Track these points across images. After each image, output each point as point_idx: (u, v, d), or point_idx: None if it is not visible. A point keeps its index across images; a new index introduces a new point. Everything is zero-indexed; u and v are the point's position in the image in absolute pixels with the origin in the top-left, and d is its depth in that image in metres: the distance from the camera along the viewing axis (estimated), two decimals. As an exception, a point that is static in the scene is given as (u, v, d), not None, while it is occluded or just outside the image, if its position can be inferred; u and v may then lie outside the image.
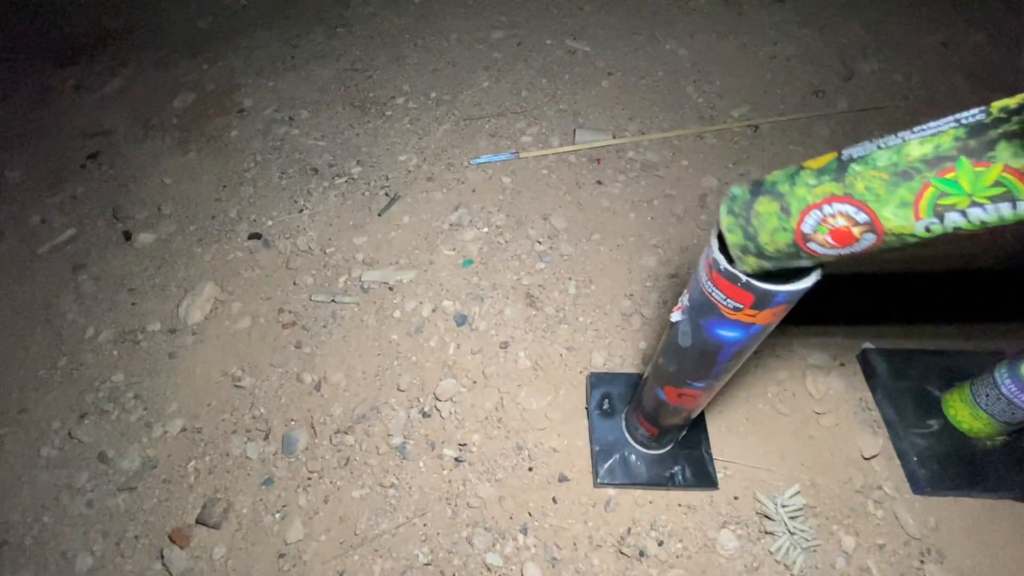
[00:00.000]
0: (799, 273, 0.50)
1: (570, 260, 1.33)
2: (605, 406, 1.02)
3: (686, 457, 0.96)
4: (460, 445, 1.05)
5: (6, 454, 1.13)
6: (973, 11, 1.94)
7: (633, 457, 0.96)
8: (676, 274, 1.28)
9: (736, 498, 0.97)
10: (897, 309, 1.20)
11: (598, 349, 1.16)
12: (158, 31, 2.11)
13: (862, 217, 0.41)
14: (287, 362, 1.20)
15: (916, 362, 1.09)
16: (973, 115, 0.36)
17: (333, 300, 1.28)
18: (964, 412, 0.98)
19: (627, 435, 0.98)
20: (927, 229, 0.38)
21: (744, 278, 0.48)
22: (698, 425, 0.99)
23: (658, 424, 0.86)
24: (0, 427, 1.16)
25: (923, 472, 0.96)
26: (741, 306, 0.51)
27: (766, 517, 0.94)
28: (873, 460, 0.99)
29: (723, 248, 0.52)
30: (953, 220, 0.37)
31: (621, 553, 0.93)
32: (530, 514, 0.97)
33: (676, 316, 0.62)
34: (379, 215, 1.44)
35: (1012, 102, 0.35)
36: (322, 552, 0.96)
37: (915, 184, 0.37)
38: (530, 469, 1.01)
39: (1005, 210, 0.34)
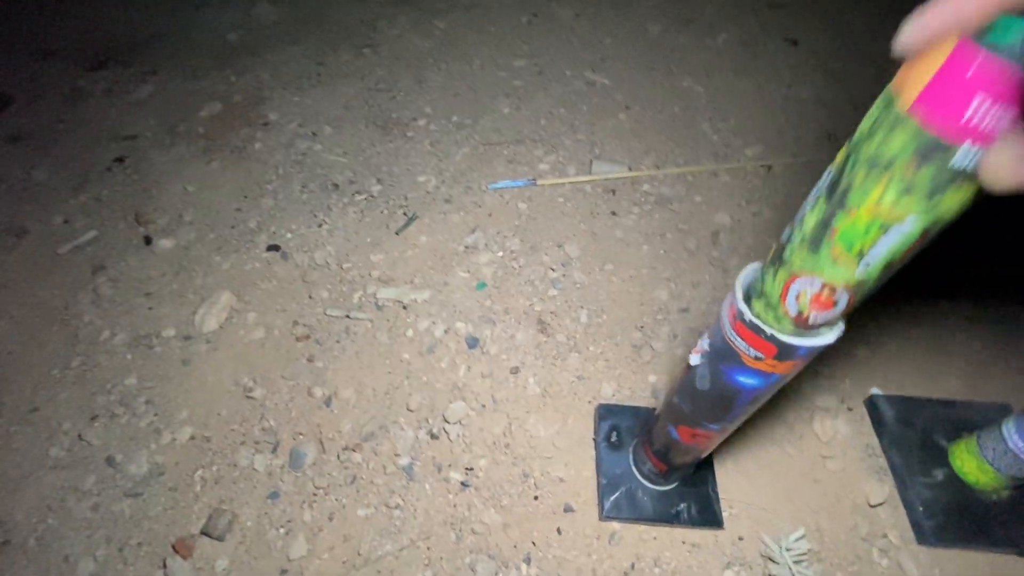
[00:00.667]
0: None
1: (583, 289, 1.35)
2: (613, 438, 1.03)
3: (692, 495, 0.97)
4: (467, 469, 1.05)
5: (15, 452, 1.13)
6: (984, 65, 1.98)
7: (639, 492, 0.97)
8: (687, 308, 1.30)
9: (741, 539, 0.97)
10: (904, 356, 1.21)
11: (608, 380, 1.17)
12: (189, 41, 2.17)
13: (817, 283, 0.44)
14: (299, 375, 1.21)
15: (923, 410, 1.09)
16: (825, 178, 0.42)
17: (347, 316, 1.29)
18: (971, 464, 0.98)
19: (634, 469, 0.99)
20: (868, 268, 0.41)
21: (769, 331, 0.50)
22: (705, 463, 1.00)
23: (668, 461, 0.86)
24: (11, 425, 1.17)
25: (928, 523, 0.96)
26: (763, 356, 0.52)
27: (770, 560, 0.94)
28: (879, 508, 0.99)
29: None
30: (878, 254, 0.40)
31: (624, 588, 0.92)
32: (534, 543, 0.97)
33: (695, 359, 0.63)
34: (396, 234, 1.47)
35: (839, 157, 0.40)
36: (324, 571, 0.96)
37: (824, 246, 0.42)
38: (536, 498, 1.02)
39: (898, 235, 0.38)
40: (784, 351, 0.51)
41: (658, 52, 2.07)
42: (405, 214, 1.51)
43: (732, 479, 1.02)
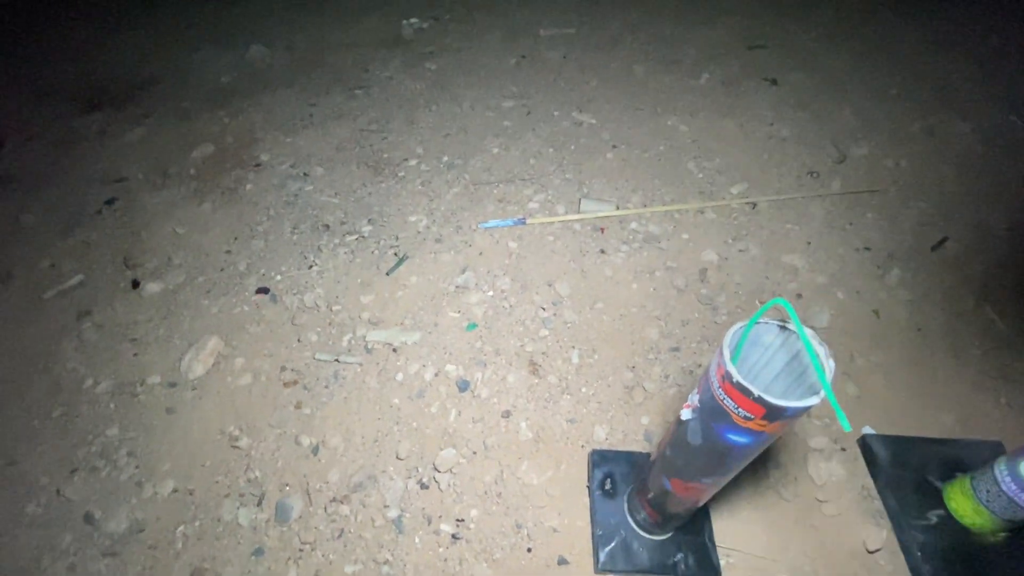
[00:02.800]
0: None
1: (573, 328, 1.35)
2: (607, 486, 1.01)
3: (689, 544, 0.95)
4: (458, 520, 1.03)
5: (-12, 509, 1.09)
6: (957, 102, 2.06)
7: (635, 543, 0.94)
8: (678, 347, 1.30)
9: (739, 589, 0.94)
10: (895, 393, 1.21)
11: (600, 423, 1.16)
12: (184, 84, 2.20)
13: None
14: (286, 423, 1.19)
15: (916, 450, 1.09)
16: None
17: (336, 360, 1.28)
18: (966, 506, 0.97)
19: (629, 518, 0.97)
20: None
21: (756, 393, 0.50)
22: (701, 510, 0.98)
23: (663, 511, 0.85)
24: (-15, 480, 1.13)
25: (927, 568, 0.95)
26: (752, 416, 0.52)
27: (770, 612, 0.91)
28: (877, 554, 0.98)
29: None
30: None
31: (621, 646, 0.89)
32: (528, 599, 0.94)
33: (686, 414, 0.63)
34: (387, 274, 1.47)
35: None
36: (309, 632, 0.92)
37: None
38: (529, 550, 0.99)
39: None
40: (773, 412, 0.51)
41: (643, 92, 2.13)
42: (396, 254, 1.52)
43: (728, 526, 1.01)
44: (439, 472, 1.09)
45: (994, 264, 1.48)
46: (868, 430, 1.14)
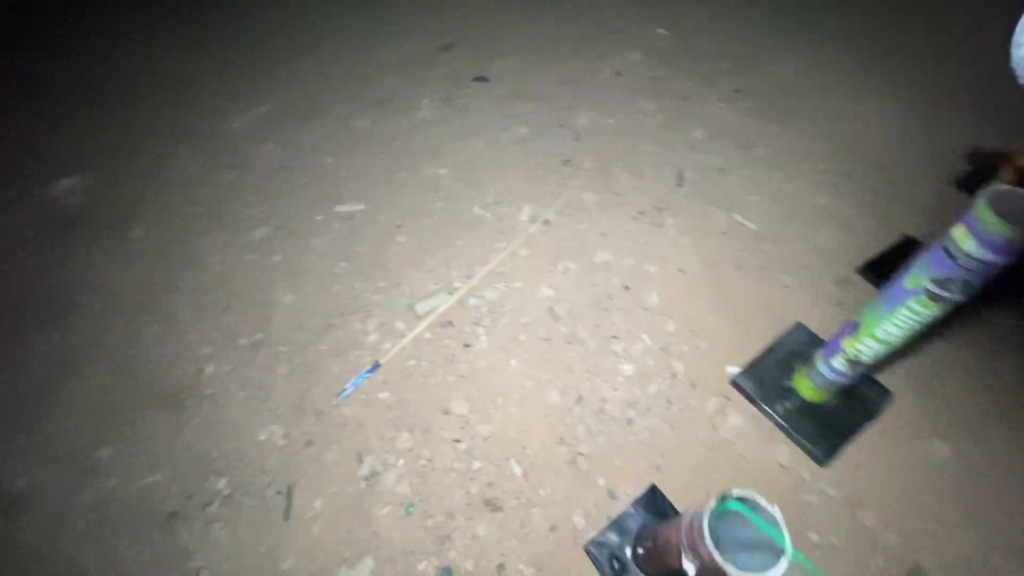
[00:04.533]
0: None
1: (495, 440, 1.37)
2: (615, 565, 1.14)
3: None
4: None
5: None
6: (623, 38, 2.42)
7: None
8: (581, 396, 1.43)
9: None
10: (720, 321, 1.54)
11: (575, 511, 1.26)
12: None
13: None
14: None
15: (764, 364, 1.43)
16: None
17: (308, 653, 1.13)
18: (808, 390, 1.33)
19: (650, 583, 1.11)
20: None
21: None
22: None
23: None
24: None
25: (815, 449, 1.29)
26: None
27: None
28: (786, 463, 1.30)
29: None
30: None
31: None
32: None
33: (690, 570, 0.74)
34: (285, 520, 1.28)
35: None
36: None
37: None
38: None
39: None
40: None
41: (382, 149, 2.07)
42: (279, 492, 1.32)
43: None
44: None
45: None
46: (732, 369, 1.44)
